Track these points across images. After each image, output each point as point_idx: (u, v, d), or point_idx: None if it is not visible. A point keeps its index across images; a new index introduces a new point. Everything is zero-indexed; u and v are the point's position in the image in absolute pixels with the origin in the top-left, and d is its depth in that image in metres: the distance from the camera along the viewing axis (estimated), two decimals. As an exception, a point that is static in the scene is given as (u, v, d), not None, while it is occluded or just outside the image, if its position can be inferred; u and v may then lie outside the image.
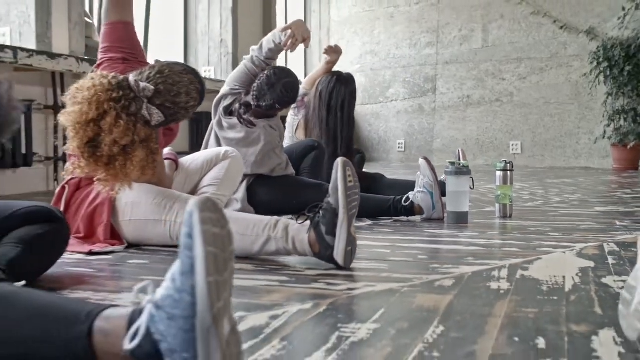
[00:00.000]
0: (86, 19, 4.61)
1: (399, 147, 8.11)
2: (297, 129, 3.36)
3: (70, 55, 4.23)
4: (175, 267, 0.85)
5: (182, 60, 6.24)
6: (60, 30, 4.28)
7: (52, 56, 3.98)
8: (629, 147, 6.38)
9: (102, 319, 0.91)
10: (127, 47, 2.14)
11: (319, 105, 3.18)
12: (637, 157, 6.47)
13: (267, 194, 2.77)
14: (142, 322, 0.86)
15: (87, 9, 4.83)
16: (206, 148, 2.85)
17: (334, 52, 3.46)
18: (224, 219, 0.88)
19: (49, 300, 1.11)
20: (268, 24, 6.91)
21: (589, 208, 3.19)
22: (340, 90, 3.16)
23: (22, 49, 3.77)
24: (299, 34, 2.70)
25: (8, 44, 3.97)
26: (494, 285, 1.54)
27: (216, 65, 6.38)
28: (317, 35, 8.68)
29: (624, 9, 6.53)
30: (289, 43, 2.71)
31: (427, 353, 1.05)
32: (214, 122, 2.85)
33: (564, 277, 1.62)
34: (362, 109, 8.26)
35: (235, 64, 6.37)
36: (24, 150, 3.85)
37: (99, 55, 2.17)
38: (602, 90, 6.63)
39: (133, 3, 2.23)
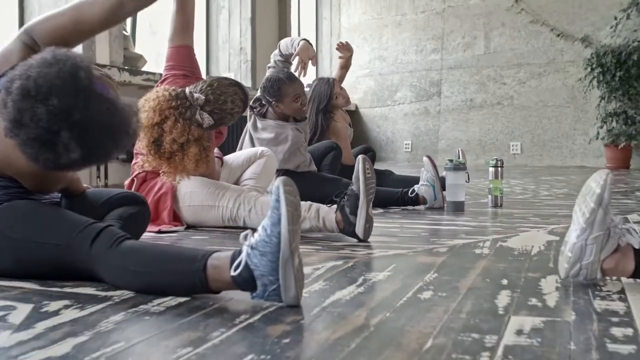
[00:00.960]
0: (124, 32, 5.12)
1: (405, 148, 8.59)
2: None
3: (112, 65, 4.74)
4: (266, 220, 1.34)
5: (204, 67, 6.75)
6: (102, 43, 4.79)
7: (99, 66, 4.49)
8: (620, 147, 6.85)
9: (212, 258, 1.41)
10: (187, 66, 2.65)
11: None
12: (628, 156, 6.94)
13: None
14: (242, 257, 1.36)
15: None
16: (241, 147, 3.34)
17: (346, 49, 3.95)
18: (296, 191, 1.37)
19: (172, 248, 1.63)
20: (283, 33, 7.40)
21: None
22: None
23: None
24: (305, 58, 3.17)
25: (59, 56, 4.47)
26: (477, 251, 2.03)
27: (236, 72, 6.87)
28: (328, 41, 9.17)
29: (615, 18, 7.01)
30: (299, 68, 3.19)
31: (424, 287, 1.54)
32: (249, 124, 3.34)
33: (532, 246, 2.11)
34: (371, 112, 8.76)
35: (253, 70, 6.88)
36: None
37: (164, 72, 2.68)
38: (595, 94, 7.10)
39: (193, 30, 2.73)
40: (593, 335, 1.16)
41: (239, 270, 1.36)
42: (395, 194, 3.24)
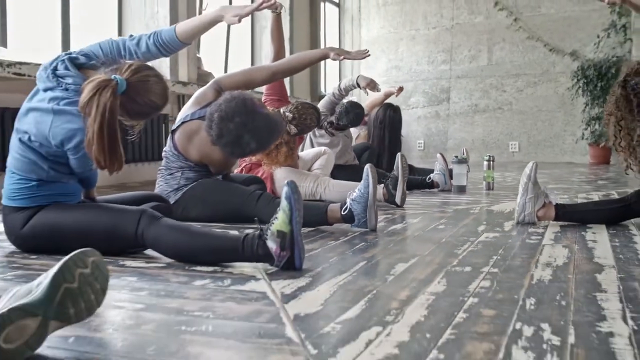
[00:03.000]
0: (197, 54, 6.44)
1: (419, 146, 9.87)
2: (357, 137, 5.16)
3: (189, 81, 6.06)
4: (361, 186, 2.63)
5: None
6: (182, 64, 6.10)
7: (182, 83, 5.81)
8: (601, 146, 8.11)
9: (330, 208, 2.71)
10: (279, 93, 3.95)
11: (378, 126, 5.00)
12: (608, 154, 8.20)
13: (343, 175, 4.55)
14: (347, 204, 2.66)
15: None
16: (303, 148, 4.62)
17: (372, 87, 5.24)
18: (376, 176, 2.68)
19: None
20: (314, 48, 8.69)
21: (545, 185, 4.94)
22: (392, 117, 4.98)
23: (167, 80, 5.60)
24: (371, 86, 4.52)
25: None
26: (471, 211, 3.33)
27: (277, 82, 8.16)
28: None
29: (598, 36, 8.26)
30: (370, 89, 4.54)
31: (439, 224, 2.84)
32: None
33: (506, 209, 3.40)
34: (389, 115, 10.04)
35: (292, 84, 8.17)
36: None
37: (264, 97, 3.98)
38: (581, 101, 8.36)
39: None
40: (523, 238, 2.45)
41: (346, 211, 2.66)
42: (417, 180, 4.53)
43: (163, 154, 3.04)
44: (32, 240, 2.17)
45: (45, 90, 2.17)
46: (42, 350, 1.17)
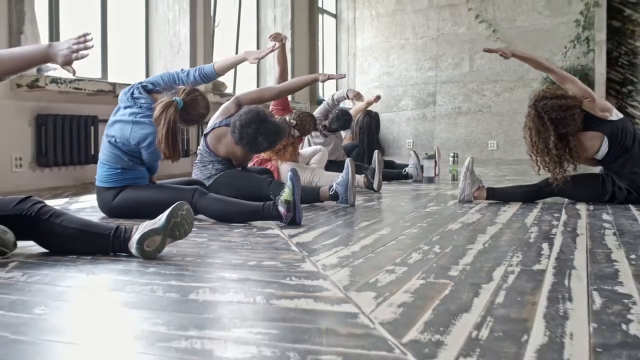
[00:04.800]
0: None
1: (408, 145, 10.90)
2: (344, 138, 6.23)
3: (206, 90, 7.10)
4: (343, 174, 3.67)
5: (255, 86, 9.09)
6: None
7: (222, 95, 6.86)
8: (567, 144, 9.14)
9: (322, 189, 3.76)
10: (283, 105, 4.99)
11: (358, 130, 6.04)
12: (574, 151, 9.22)
13: (334, 169, 5.60)
14: (334, 187, 3.71)
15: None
16: (303, 146, 5.66)
17: (358, 98, 6.26)
18: (354, 169, 3.72)
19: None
20: (313, 56, 9.73)
21: (503, 178, 5.98)
22: (368, 122, 6.04)
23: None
24: (357, 97, 5.54)
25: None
26: (429, 195, 4.36)
27: (279, 89, 9.20)
28: (346, 59, 11.49)
29: (565, 47, 9.30)
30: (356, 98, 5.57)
31: (406, 200, 3.88)
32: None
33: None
34: (381, 116, 11.04)
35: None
36: (192, 147, 6.72)
37: (271, 107, 5.02)
38: (550, 105, 9.38)
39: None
40: (455, 210, 3.49)
41: (332, 192, 3.70)
42: (394, 173, 5.58)
43: (197, 151, 4.07)
44: (119, 210, 3.22)
45: (125, 107, 3.23)
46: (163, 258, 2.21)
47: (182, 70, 3.45)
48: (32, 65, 2.37)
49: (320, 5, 10.55)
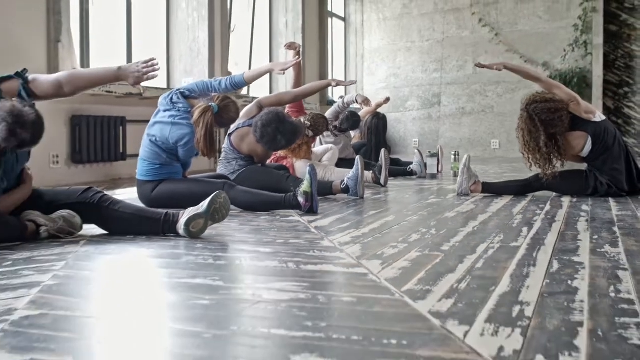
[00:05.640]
0: (229, 70, 7.93)
1: (414, 144, 11.33)
2: (353, 137, 6.68)
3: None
4: (353, 170, 4.12)
5: (268, 92, 9.55)
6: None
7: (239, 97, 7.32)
8: (566, 144, 9.56)
9: (334, 183, 4.21)
10: (298, 107, 5.44)
11: (366, 131, 6.50)
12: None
13: (344, 166, 6.05)
14: (345, 181, 4.16)
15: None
16: (315, 145, 6.11)
17: (366, 104, 6.68)
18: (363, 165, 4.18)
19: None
20: (324, 59, 10.18)
21: (501, 174, 6.41)
22: (376, 123, 6.49)
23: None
24: (366, 101, 6.00)
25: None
26: (431, 189, 4.81)
27: (291, 90, 9.66)
28: (354, 60, 11.93)
29: (564, 50, 9.72)
30: (365, 103, 6.02)
31: (412, 194, 4.32)
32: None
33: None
34: (388, 116, 11.44)
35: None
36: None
37: (287, 110, 5.46)
38: (550, 105, 9.81)
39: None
40: (453, 202, 3.93)
41: (344, 186, 4.14)
42: (400, 169, 6.02)
43: (222, 149, 4.53)
44: (157, 201, 3.67)
45: (165, 110, 3.69)
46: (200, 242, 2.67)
47: (215, 79, 3.92)
48: (103, 84, 2.95)
49: (329, 9, 11.00)
